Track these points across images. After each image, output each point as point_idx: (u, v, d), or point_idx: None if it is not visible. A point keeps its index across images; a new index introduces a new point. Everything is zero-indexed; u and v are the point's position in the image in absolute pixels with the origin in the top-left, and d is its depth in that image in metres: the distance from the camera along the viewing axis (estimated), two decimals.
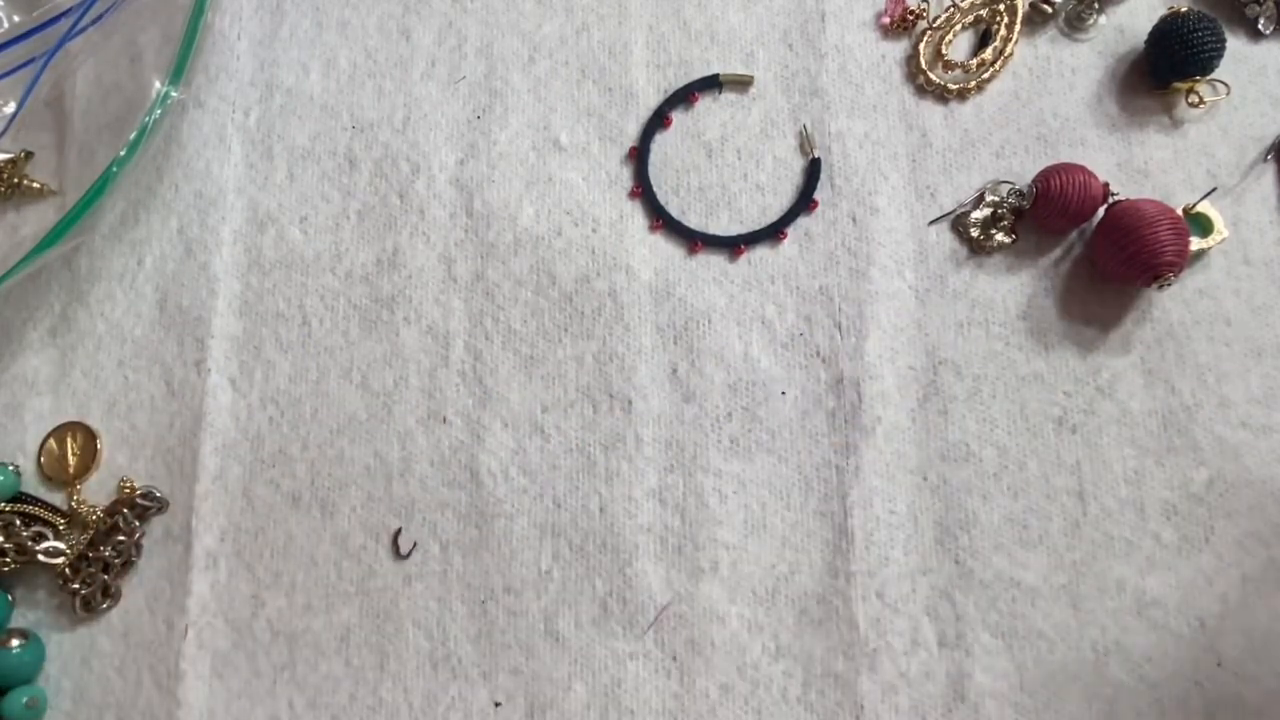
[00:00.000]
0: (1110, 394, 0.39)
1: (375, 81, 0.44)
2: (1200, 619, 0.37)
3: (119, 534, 0.38)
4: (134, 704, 0.37)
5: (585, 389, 0.40)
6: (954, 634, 0.37)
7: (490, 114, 0.43)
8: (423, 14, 0.44)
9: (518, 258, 0.41)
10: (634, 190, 0.42)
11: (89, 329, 0.41)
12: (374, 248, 0.42)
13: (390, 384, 0.40)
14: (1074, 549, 0.37)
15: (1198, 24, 0.41)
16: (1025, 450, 0.39)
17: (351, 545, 0.38)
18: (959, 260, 0.41)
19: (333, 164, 0.43)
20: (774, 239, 0.41)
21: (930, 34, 0.43)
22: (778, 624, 0.37)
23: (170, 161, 0.43)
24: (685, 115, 0.43)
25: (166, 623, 0.38)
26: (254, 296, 0.41)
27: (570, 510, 0.38)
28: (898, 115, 0.43)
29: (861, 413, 0.39)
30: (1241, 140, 0.42)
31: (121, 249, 0.42)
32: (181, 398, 0.40)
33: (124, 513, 0.38)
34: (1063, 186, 0.39)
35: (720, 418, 0.39)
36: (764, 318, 0.40)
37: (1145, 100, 0.43)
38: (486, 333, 0.40)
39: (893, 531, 0.38)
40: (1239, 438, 0.39)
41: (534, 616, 0.37)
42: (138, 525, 0.38)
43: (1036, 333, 0.40)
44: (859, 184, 0.42)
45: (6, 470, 0.38)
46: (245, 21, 0.45)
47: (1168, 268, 0.38)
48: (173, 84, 0.40)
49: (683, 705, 0.36)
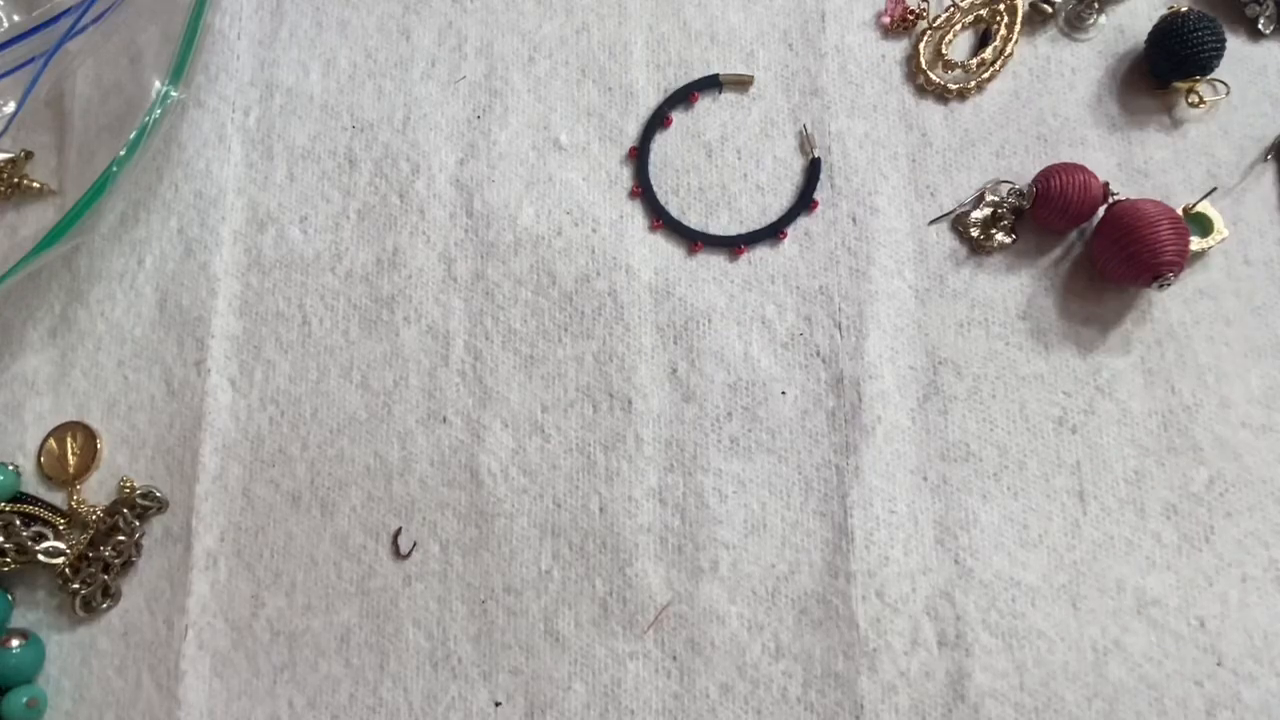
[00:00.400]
0: (1110, 394, 0.39)
1: (375, 81, 0.44)
2: (1200, 619, 0.37)
3: (119, 534, 0.38)
4: (134, 704, 0.37)
5: (585, 389, 0.40)
6: (954, 634, 0.37)
7: (490, 114, 0.43)
8: (423, 14, 0.44)
9: (518, 258, 0.41)
10: (634, 190, 0.42)
11: (89, 329, 0.41)
12: (374, 248, 0.42)
13: (390, 384, 0.40)
14: (1074, 549, 0.37)
15: (1198, 24, 0.41)
16: (1025, 450, 0.39)
17: (351, 545, 0.38)
18: (959, 260, 0.41)
19: (333, 164, 0.43)
20: (774, 239, 0.41)
21: (930, 34, 0.43)
22: (778, 624, 0.37)
23: (170, 161, 0.43)
24: (685, 115, 0.43)
25: (166, 623, 0.38)
26: (254, 296, 0.41)
27: (570, 510, 0.38)
28: (898, 115, 0.43)
29: (861, 413, 0.39)
30: (1241, 140, 0.42)
31: (121, 249, 0.42)
32: (181, 398, 0.40)
33: (124, 513, 0.38)
34: (1063, 186, 0.39)
35: (720, 417, 0.39)
36: (764, 318, 0.40)
37: (1145, 100, 0.43)
38: (486, 333, 0.40)
39: (893, 531, 0.38)
40: (1239, 438, 0.39)
41: (534, 616, 0.37)
42: (138, 525, 0.38)
43: (1036, 333, 0.40)
44: (859, 184, 0.42)
45: (6, 470, 0.39)
46: (245, 21, 0.45)
47: (1168, 268, 0.38)
48: (173, 84, 0.40)
49: (683, 705, 0.36)
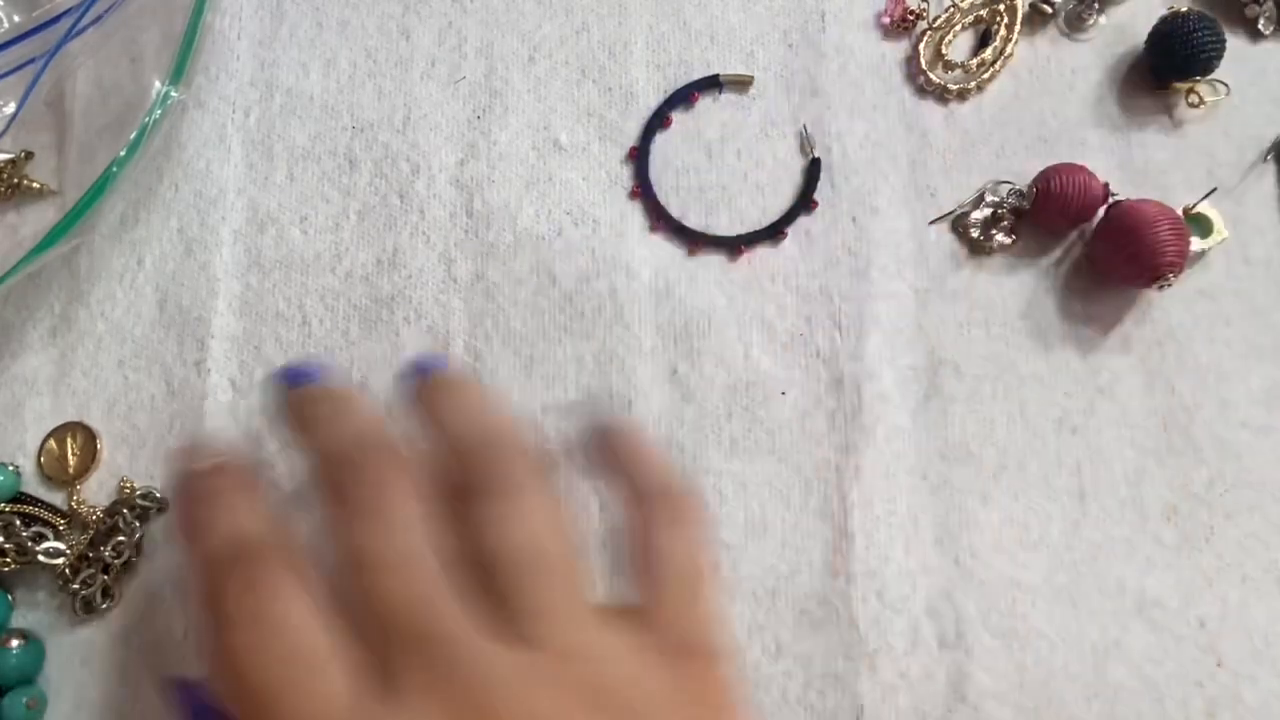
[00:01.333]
0: (1110, 394, 0.39)
1: (375, 81, 0.44)
2: (1200, 619, 0.37)
3: (119, 534, 0.38)
4: (134, 705, 0.37)
5: (585, 389, 0.40)
6: (954, 634, 0.37)
7: (490, 114, 0.43)
8: (423, 14, 0.44)
9: (518, 258, 0.41)
10: (634, 190, 0.42)
11: (89, 329, 0.41)
12: (374, 248, 0.42)
13: (390, 384, 0.40)
14: (1074, 549, 0.37)
15: (1198, 24, 0.41)
16: (1025, 450, 0.39)
17: None
18: (959, 260, 0.41)
19: (333, 164, 0.43)
20: (774, 239, 0.41)
21: (930, 34, 0.43)
22: (778, 624, 0.37)
23: (170, 161, 0.43)
24: (685, 115, 0.43)
25: (167, 624, 0.38)
26: (254, 296, 0.41)
27: (570, 510, 0.38)
28: (898, 115, 0.43)
29: (861, 413, 0.39)
30: (1241, 140, 0.42)
31: (121, 249, 0.42)
32: (181, 398, 0.40)
33: (124, 513, 0.38)
34: (1063, 187, 0.39)
35: (720, 418, 0.39)
36: (764, 318, 0.40)
37: (1145, 100, 0.43)
38: (486, 333, 0.40)
39: (893, 531, 0.38)
40: (1239, 438, 0.39)
41: None
42: (138, 526, 0.38)
43: (1036, 333, 0.40)
44: (859, 184, 0.42)
45: (6, 470, 0.38)
46: (245, 21, 0.45)
47: (1168, 268, 0.38)
48: (173, 84, 0.40)
49: None
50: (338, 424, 0.28)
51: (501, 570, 0.25)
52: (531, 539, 0.26)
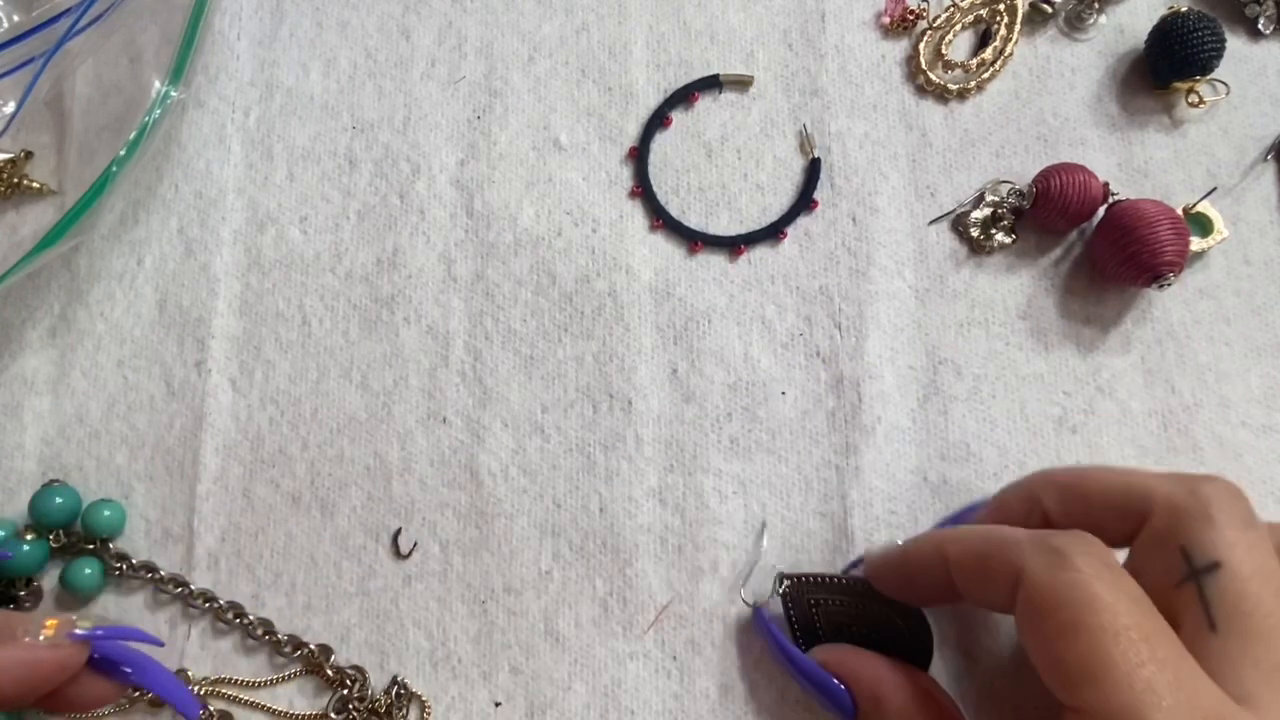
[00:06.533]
0: (1110, 394, 0.39)
1: (375, 81, 0.44)
2: None
3: None
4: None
5: (585, 389, 0.40)
6: (954, 634, 0.37)
7: (490, 114, 0.43)
8: (423, 14, 0.44)
9: (518, 258, 0.41)
10: (634, 190, 0.42)
11: (89, 329, 0.41)
12: (374, 248, 0.42)
13: (390, 384, 0.40)
14: None
15: (1198, 24, 0.41)
16: (1025, 450, 0.39)
17: (351, 545, 0.38)
18: (959, 260, 0.41)
19: (333, 164, 0.43)
20: (774, 239, 0.41)
21: (930, 34, 0.43)
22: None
23: (170, 161, 0.43)
24: (685, 115, 0.43)
25: (169, 623, 0.38)
26: (254, 296, 0.41)
27: (570, 510, 0.38)
28: (898, 115, 0.43)
29: (861, 413, 0.39)
30: (1241, 140, 0.42)
31: (121, 249, 0.42)
32: (181, 398, 0.40)
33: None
34: (1063, 186, 0.39)
35: (720, 418, 0.39)
36: (764, 318, 0.40)
37: (1145, 100, 0.43)
38: (486, 333, 0.40)
39: (893, 532, 0.38)
40: (1239, 438, 0.39)
41: (534, 616, 0.37)
42: None
43: (1036, 333, 0.40)
44: (859, 184, 0.42)
45: (113, 504, 0.39)
46: (245, 21, 0.45)
47: (1168, 268, 0.38)
48: (173, 84, 0.40)
49: (683, 705, 0.36)
50: None
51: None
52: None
